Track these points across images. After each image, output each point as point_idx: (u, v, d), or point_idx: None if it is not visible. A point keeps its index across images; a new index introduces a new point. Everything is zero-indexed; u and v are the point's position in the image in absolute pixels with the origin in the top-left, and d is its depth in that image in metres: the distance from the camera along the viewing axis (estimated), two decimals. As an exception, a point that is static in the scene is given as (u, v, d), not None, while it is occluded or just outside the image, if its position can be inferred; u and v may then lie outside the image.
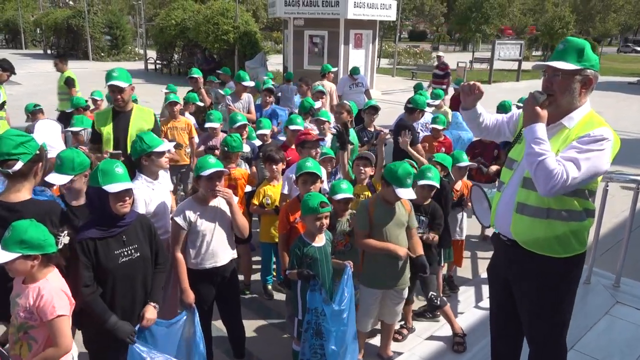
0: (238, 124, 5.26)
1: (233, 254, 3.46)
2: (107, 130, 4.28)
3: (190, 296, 3.20)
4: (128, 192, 2.69)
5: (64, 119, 6.77)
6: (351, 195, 3.65)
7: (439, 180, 3.85)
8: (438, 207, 3.97)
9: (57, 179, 3.01)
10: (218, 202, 3.36)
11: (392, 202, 3.47)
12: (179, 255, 3.25)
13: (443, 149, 5.99)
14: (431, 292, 3.86)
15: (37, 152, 2.66)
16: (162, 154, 3.51)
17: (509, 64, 27.32)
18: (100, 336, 2.69)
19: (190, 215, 3.24)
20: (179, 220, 3.23)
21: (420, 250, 3.54)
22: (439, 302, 3.87)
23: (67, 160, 3.02)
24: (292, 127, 5.12)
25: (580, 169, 2.35)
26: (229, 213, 3.38)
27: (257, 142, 5.48)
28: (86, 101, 6.87)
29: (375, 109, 5.93)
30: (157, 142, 3.47)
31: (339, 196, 3.59)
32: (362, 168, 4.27)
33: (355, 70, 9.27)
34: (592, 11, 51.47)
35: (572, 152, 2.40)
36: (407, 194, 3.36)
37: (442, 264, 4.45)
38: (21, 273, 2.34)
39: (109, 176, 2.62)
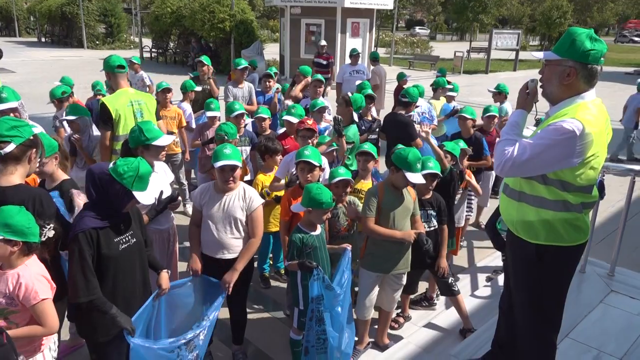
0: (236, 113, 5.24)
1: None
2: None
3: (197, 262, 3.26)
4: None
5: None
6: (349, 177, 3.67)
7: (439, 169, 3.86)
8: (442, 200, 3.98)
9: None
10: (233, 196, 3.29)
11: (400, 188, 3.52)
12: (193, 227, 3.36)
13: None
14: (451, 278, 3.92)
15: (32, 137, 2.64)
16: (161, 148, 3.46)
17: (506, 53, 27.26)
18: (94, 330, 2.68)
19: (202, 197, 3.31)
20: (194, 199, 3.35)
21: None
22: (456, 289, 3.92)
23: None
24: (286, 118, 5.11)
25: (528, 153, 2.37)
26: (240, 210, 3.28)
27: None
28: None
29: (371, 98, 5.92)
30: (156, 135, 3.39)
31: (337, 179, 3.62)
32: (362, 162, 4.22)
33: (354, 51, 9.66)
34: (590, 1, 51.23)
35: (532, 137, 2.45)
36: (416, 178, 3.42)
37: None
38: None
39: (144, 183, 2.60)
